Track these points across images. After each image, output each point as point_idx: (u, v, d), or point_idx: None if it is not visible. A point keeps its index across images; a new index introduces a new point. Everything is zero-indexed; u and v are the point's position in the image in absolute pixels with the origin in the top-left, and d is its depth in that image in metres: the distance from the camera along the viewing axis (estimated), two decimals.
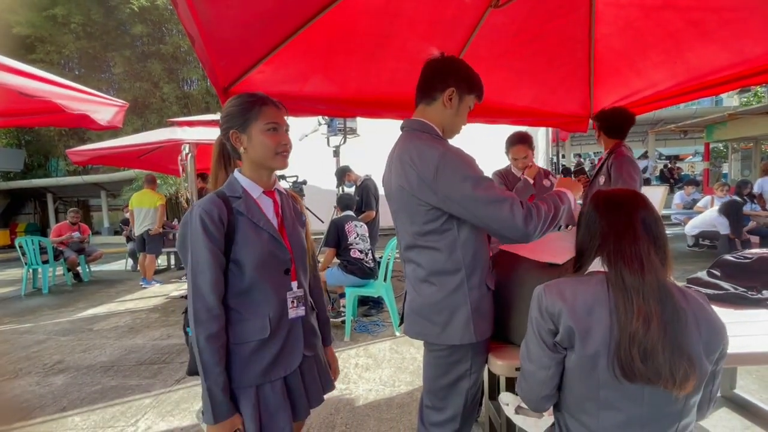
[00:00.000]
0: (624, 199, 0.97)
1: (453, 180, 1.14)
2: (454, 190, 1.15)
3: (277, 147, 1.14)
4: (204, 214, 1.05)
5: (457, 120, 1.33)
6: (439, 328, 1.24)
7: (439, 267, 1.24)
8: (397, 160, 1.27)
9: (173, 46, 13.49)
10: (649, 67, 2.36)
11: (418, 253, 1.27)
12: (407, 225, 1.28)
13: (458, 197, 1.15)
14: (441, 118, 1.29)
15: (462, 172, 1.15)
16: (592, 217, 0.99)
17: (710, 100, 15.82)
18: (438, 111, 1.29)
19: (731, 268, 1.86)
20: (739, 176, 9.82)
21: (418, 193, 1.20)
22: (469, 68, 1.31)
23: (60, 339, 3.90)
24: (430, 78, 1.30)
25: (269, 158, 1.14)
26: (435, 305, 1.25)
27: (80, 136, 13.12)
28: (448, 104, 1.27)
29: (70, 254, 6.48)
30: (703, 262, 4.73)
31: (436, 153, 1.17)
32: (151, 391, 2.72)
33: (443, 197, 1.16)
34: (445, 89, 1.26)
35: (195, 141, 4.73)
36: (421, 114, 1.31)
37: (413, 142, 1.23)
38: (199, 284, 1.04)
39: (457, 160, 1.17)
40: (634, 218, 0.93)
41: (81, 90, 2.43)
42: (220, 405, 1.02)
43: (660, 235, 0.93)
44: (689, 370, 0.82)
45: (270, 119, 1.13)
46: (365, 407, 2.41)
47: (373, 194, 4.37)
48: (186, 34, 1.58)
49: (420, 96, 1.32)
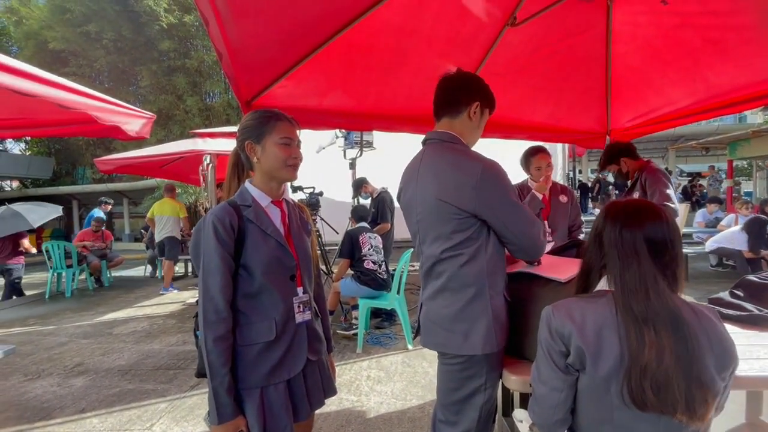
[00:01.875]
0: (633, 213, 0.92)
1: (497, 190, 1.20)
2: (497, 199, 1.20)
3: (287, 159, 1.20)
4: (216, 221, 1.11)
5: (477, 133, 1.39)
6: (460, 337, 1.24)
7: (461, 278, 1.25)
8: (426, 171, 1.29)
9: (198, 61, 14.02)
10: (666, 85, 2.35)
11: (444, 264, 1.28)
12: (435, 235, 1.28)
13: (500, 206, 1.20)
14: (466, 130, 1.34)
15: (505, 184, 1.22)
16: (600, 231, 0.96)
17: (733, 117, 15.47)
18: (464, 124, 1.33)
19: (755, 289, 1.81)
20: (765, 194, 9.52)
21: (455, 201, 1.21)
22: (485, 83, 1.38)
23: (81, 342, 4.01)
24: (454, 92, 1.34)
25: (279, 169, 1.20)
26: (456, 315, 1.25)
27: (106, 145, 13.66)
28: (474, 117, 1.33)
29: (93, 259, 6.68)
30: (726, 282, 4.58)
31: (480, 163, 1.22)
32: (166, 396, 2.76)
33: (484, 205, 1.20)
34: (471, 103, 1.31)
35: (216, 152, 4.86)
36: (448, 126, 1.34)
37: (449, 153, 1.28)
38: (209, 287, 1.09)
39: (500, 173, 1.23)
40: (639, 237, 0.88)
41: (112, 102, 2.55)
42: (224, 406, 1.07)
43: (669, 254, 0.89)
44: (708, 398, 0.80)
45: (284, 134, 1.20)
46: (376, 420, 2.40)
47: (389, 207, 4.40)
48: (215, 50, 1.66)
49: (443, 109, 1.35)
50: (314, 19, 1.80)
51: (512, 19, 2.01)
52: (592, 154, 15.70)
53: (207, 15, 1.39)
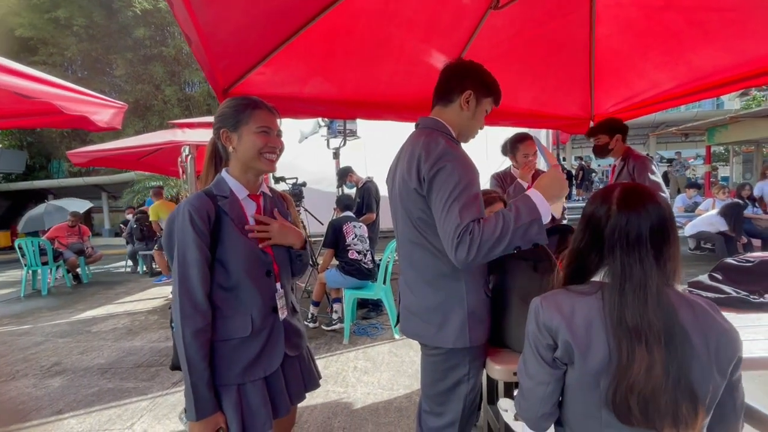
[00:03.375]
0: (640, 201, 0.85)
1: (437, 182, 1.12)
2: (432, 192, 1.13)
3: (264, 148, 1.14)
4: (193, 210, 1.06)
5: (474, 123, 1.32)
6: (434, 328, 1.24)
7: (437, 269, 1.23)
8: (403, 155, 1.27)
9: (175, 49, 13.57)
10: (650, 68, 2.34)
11: (418, 252, 1.26)
12: (407, 219, 1.26)
13: (435, 198, 1.13)
14: (457, 120, 1.29)
15: (448, 179, 1.11)
16: (598, 218, 0.88)
17: (711, 103, 15.82)
18: (455, 113, 1.29)
19: (733, 272, 1.84)
20: (741, 179, 9.79)
21: (417, 185, 1.18)
22: (487, 72, 1.31)
23: (58, 341, 3.89)
24: (447, 80, 1.30)
25: (256, 158, 1.15)
26: (431, 307, 1.24)
27: (82, 138, 13.18)
28: (465, 107, 1.28)
29: (70, 255, 6.48)
30: (705, 265, 4.70)
31: (441, 150, 1.15)
32: (147, 394, 2.70)
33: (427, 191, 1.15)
34: (463, 92, 1.27)
35: (195, 143, 4.72)
36: (438, 114, 1.31)
37: (424, 138, 1.22)
38: (187, 279, 1.04)
39: (456, 165, 1.13)
40: (645, 226, 0.83)
41: (79, 91, 2.42)
42: (204, 401, 1.03)
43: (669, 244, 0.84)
44: (698, 406, 0.78)
45: (262, 123, 1.14)
46: (363, 411, 2.39)
47: (374, 196, 4.35)
48: (184, 36, 1.57)
49: (437, 98, 1.33)
50: (292, 1, 1.72)
51: (495, 2, 1.97)
52: (575, 141, 15.88)
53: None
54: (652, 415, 0.78)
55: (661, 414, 0.78)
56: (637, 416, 0.78)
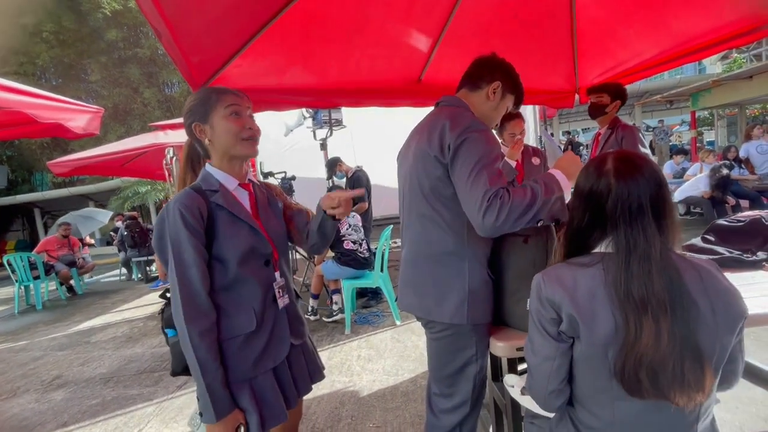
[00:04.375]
0: (638, 170, 0.84)
1: (464, 149, 1.12)
2: (458, 159, 1.13)
3: (241, 131, 1.10)
4: (183, 208, 1.02)
5: (494, 114, 1.36)
6: (431, 302, 1.24)
7: (442, 245, 1.23)
8: (423, 130, 1.27)
9: (150, 50, 13.22)
10: (632, 36, 2.32)
11: (424, 224, 1.26)
12: (418, 188, 1.26)
13: (456, 167, 1.13)
14: (481, 108, 1.32)
15: (476, 146, 1.12)
16: (599, 191, 0.86)
17: (694, 69, 15.87)
18: (480, 99, 1.32)
19: (725, 233, 1.86)
20: (726, 142, 9.91)
21: (437, 151, 1.18)
22: (517, 74, 1.36)
23: (57, 354, 3.85)
24: (479, 68, 1.34)
25: (234, 144, 1.11)
26: (430, 280, 1.25)
27: (63, 147, 12.88)
28: (492, 96, 1.31)
29: (62, 268, 6.39)
30: (695, 229, 4.77)
31: (470, 120, 1.18)
32: (153, 400, 2.69)
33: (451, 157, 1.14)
34: (492, 81, 1.31)
35: (179, 143, 4.63)
36: (463, 97, 1.34)
37: (448, 111, 1.24)
38: (187, 280, 1.01)
39: (484, 136, 1.15)
40: (645, 193, 0.82)
41: (52, 98, 2.35)
42: (221, 400, 1.01)
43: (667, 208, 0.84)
44: (706, 368, 0.78)
45: (229, 102, 1.10)
46: (370, 398, 2.40)
47: (365, 186, 4.32)
48: (153, 30, 1.51)
49: (465, 81, 1.37)
50: None
51: None
52: (562, 116, 15.90)
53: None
54: (662, 384, 0.77)
55: (670, 381, 0.77)
56: (648, 388, 0.77)
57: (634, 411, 0.84)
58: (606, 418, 0.87)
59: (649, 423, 0.84)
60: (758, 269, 1.63)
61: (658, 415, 0.83)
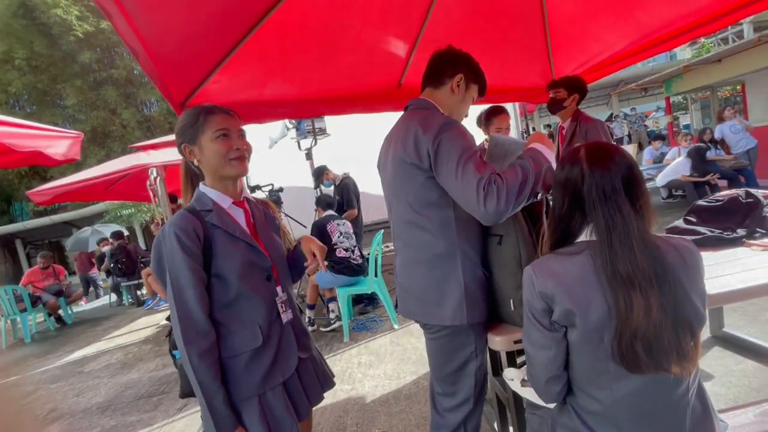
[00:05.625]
0: (608, 157, 0.89)
1: (443, 149, 1.14)
2: (441, 159, 1.14)
3: (228, 153, 1.10)
4: (179, 230, 1.02)
5: (462, 107, 1.36)
6: (432, 307, 1.25)
7: (433, 249, 1.24)
8: (397, 137, 1.28)
9: (126, 70, 13.07)
10: (602, 30, 2.39)
11: (413, 232, 1.27)
12: (403, 198, 1.27)
13: (441, 168, 1.14)
14: (448, 103, 1.32)
15: (454, 144, 1.14)
16: (574, 181, 0.91)
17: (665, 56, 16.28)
18: (445, 95, 1.32)
19: (706, 213, 1.92)
20: (701, 125, 10.18)
21: (414, 159, 1.19)
22: (476, 62, 1.36)
23: (50, 387, 3.75)
24: (439, 64, 1.34)
25: (224, 165, 1.11)
26: (428, 286, 1.26)
27: (41, 175, 12.60)
28: (456, 90, 1.31)
29: (49, 298, 6.23)
30: (678, 211, 4.89)
31: (441, 120, 1.18)
32: (153, 425, 2.64)
33: (436, 164, 1.16)
34: (455, 75, 1.30)
35: (162, 164, 4.57)
36: (429, 96, 1.35)
37: (418, 115, 1.25)
38: (184, 302, 1.01)
39: (458, 132, 1.16)
40: (617, 179, 0.86)
41: (29, 126, 2.31)
42: (223, 419, 1.00)
43: (640, 190, 0.88)
44: (696, 337, 0.82)
45: (218, 126, 1.10)
46: (374, 403, 2.40)
47: (354, 192, 4.32)
48: (128, 48, 1.50)
49: (427, 80, 1.36)
50: (237, 2, 1.66)
51: None
52: (542, 110, 16.14)
53: (106, 6, 1.23)
54: (659, 356, 0.80)
55: (667, 352, 0.80)
56: (645, 361, 0.80)
57: (631, 390, 0.87)
58: (605, 400, 0.89)
59: (647, 399, 0.87)
60: (739, 246, 1.69)
61: (654, 391, 0.86)
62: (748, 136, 6.26)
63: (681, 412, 0.87)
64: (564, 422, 0.99)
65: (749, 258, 1.54)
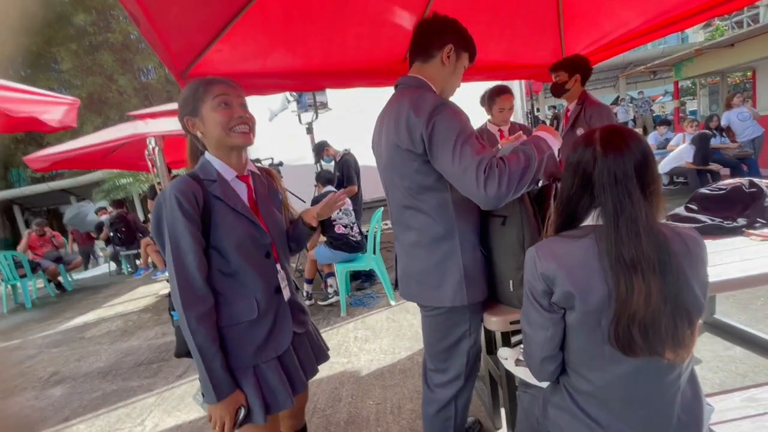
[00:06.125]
0: (619, 142, 0.87)
1: (438, 133, 1.10)
2: (436, 144, 1.11)
3: (230, 122, 1.08)
4: (180, 194, 1.01)
5: (454, 79, 1.29)
6: (432, 289, 1.26)
7: (431, 232, 1.24)
8: (389, 119, 1.23)
9: (122, 34, 12.65)
10: (617, 7, 2.31)
11: (412, 216, 1.26)
12: (399, 183, 1.25)
13: (437, 153, 1.11)
14: (440, 76, 1.26)
15: (448, 126, 1.10)
16: (585, 164, 0.89)
17: (676, 39, 15.86)
18: (436, 68, 1.25)
19: (707, 201, 1.91)
20: (708, 112, 10.03)
21: (408, 144, 1.16)
22: (464, 27, 1.27)
23: (52, 351, 3.83)
24: (426, 35, 1.25)
25: (225, 136, 1.09)
26: (428, 269, 1.26)
27: (38, 141, 12.41)
28: (447, 61, 1.24)
29: (48, 264, 6.27)
30: (680, 199, 4.89)
31: (432, 102, 1.13)
32: (153, 390, 2.71)
33: (431, 147, 1.13)
34: (444, 46, 1.23)
35: (160, 133, 4.50)
36: (418, 71, 1.28)
37: (408, 96, 1.18)
38: (184, 266, 1.01)
39: (451, 114, 1.12)
40: (630, 166, 0.85)
41: (25, 90, 2.25)
42: (221, 382, 1.02)
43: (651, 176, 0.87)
44: (693, 325, 0.83)
45: (218, 93, 1.08)
46: (369, 377, 2.46)
47: (354, 168, 4.28)
48: (129, 16, 1.45)
49: (415, 54, 1.28)
50: None
51: None
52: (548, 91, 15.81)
53: None
54: (654, 341, 0.81)
55: (663, 338, 0.81)
56: (640, 344, 0.81)
57: (624, 373, 0.88)
58: (598, 381, 0.91)
59: (639, 383, 0.89)
60: (738, 235, 1.69)
61: (646, 376, 0.88)
62: (755, 124, 6.18)
63: (671, 396, 0.89)
64: (556, 401, 1.02)
65: (747, 247, 1.54)
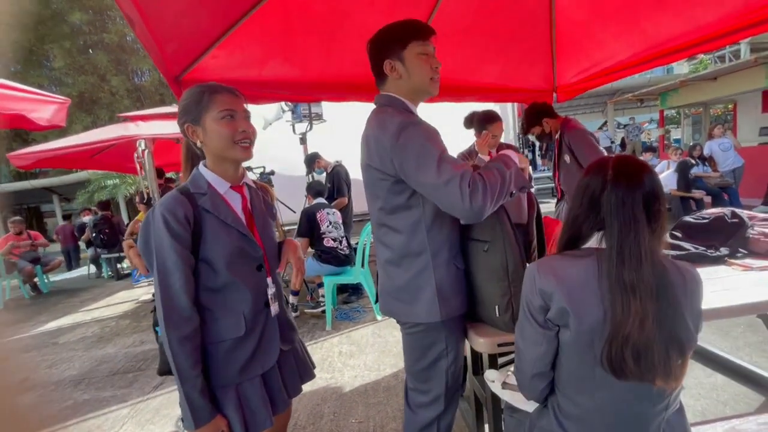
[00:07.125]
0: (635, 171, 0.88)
1: (409, 152, 1.12)
2: (409, 164, 1.12)
3: (234, 135, 1.07)
4: (167, 213, 0.99)
5: (414, 78, 1.25)
6: (406, 306, 1.27)
7: (404, 249, 1.25)
8: (363, 138, 1.27)
9: (118, 35, 12.60)
10: (609, 38, 2.38)
11: (386, 233, 1.28)
12: (373, 203, 1.29)
13: (412, 173, 1.12)
14: (401, 87, 1.28)
15: (420, 144, 1.12)
16: (597, 187, 0.90)
17: (662, 69, 16.46)
18: (393, 83, 1.28)
19: (691, 229, 1.95)
20: (691, 141, 10.37)
21: (379, 165, 1.18)
22: (392, 27, 1.25)
23: (22, 356, 3.67)
24: (371, 59, 1.30)
25: (227, 149, 1.08)
26: (401, 285, 1.27)
27: (23, 138, 12.15)
28: (395, 74, 1.25)
29: (25, 265, 6.08)
30: None
31: (397, 122, 1.15)
32: (127, 401, 2.61)
33: (401, 166, 1.14)
34: (383, 64, 1.25)
35: (150, 136, 4.45)
36: (385, 90, 1.32)
37: (374, 117, 1.24)
38: (169, 286, 0.99)
39: (419, 131, 1.14)
40: (639, 198, 0.86)
41: (14, 87, 2.21)
42: (200, 409, 1.00)
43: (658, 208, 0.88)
44: (685, 356, 0.84)
45: (223, 107, 1.06)
46: (352, 393, 2.41)
47: (345, 180, 4.29)
48: (124, 17, 1.44)
49: (376, 80, 1.33)
50: None
51: None
52: None
53: None
54: (645, 367, 0.82)
55: (654, 365, 0.82)
56: (631, 368, 0.81)
57: (612, 399, 0.89)
58: (586, 405, 0.91)
59: (625, 410, 0.89)
60: (721, 264, 1.72)
61: (634, 404, 0.88)
62: (736, 155, 6.41)
63: (656, 426, 0.89)
64: (542, 425, 1.01)
65: (730, 277, 1.57)
